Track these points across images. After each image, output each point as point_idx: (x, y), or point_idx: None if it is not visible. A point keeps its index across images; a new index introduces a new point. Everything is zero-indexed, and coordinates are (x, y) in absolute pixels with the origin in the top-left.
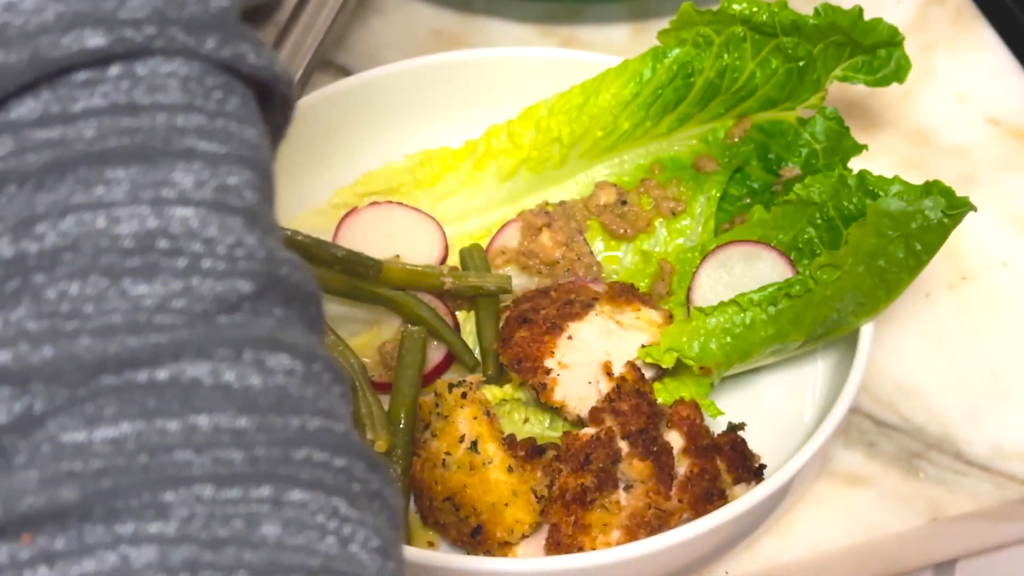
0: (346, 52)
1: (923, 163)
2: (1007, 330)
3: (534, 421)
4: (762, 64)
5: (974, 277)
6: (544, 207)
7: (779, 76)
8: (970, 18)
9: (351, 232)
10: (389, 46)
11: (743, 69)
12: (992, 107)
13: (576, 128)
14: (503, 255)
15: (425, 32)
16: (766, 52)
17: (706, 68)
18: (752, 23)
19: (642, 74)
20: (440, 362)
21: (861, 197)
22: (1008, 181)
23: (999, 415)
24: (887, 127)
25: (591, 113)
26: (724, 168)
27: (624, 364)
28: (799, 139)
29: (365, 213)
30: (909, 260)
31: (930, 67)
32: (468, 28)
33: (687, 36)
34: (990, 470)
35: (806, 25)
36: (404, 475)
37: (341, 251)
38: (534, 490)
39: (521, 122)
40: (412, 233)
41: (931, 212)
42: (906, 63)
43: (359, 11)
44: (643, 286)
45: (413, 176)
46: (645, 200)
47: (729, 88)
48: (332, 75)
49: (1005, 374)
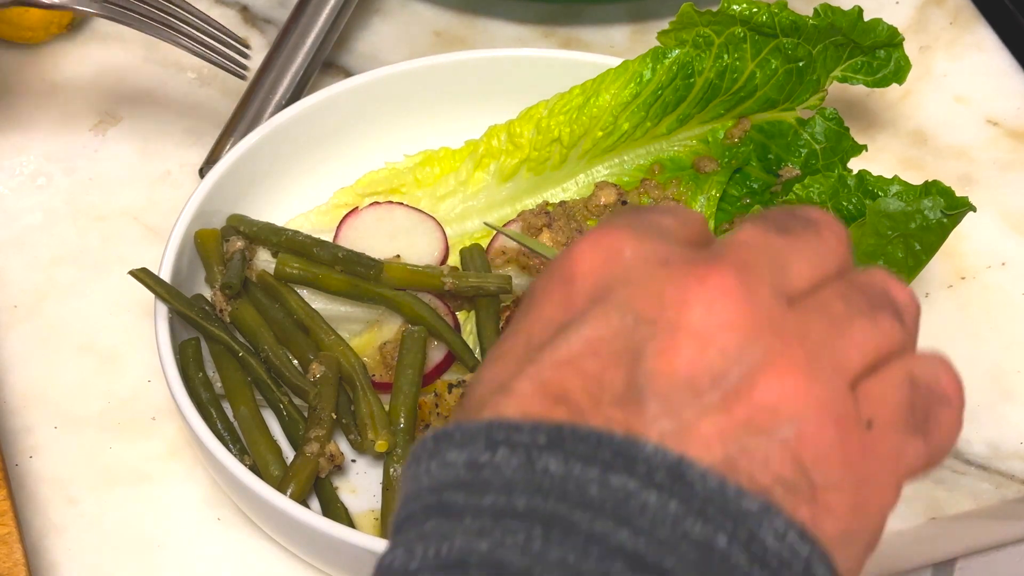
0: (347, 52)
1: (922, 163)
2: (1006, 330)
3: None
4: (762, 65)
5: (973, 277)
6: (544, 207)
7: (779, 77)
8: (969, 19)
9: (352, 232)
10: (389, 47)
11: (743, 70)
12: (991, 108)
13: (576, 128)
14: (503, 255)
15: (426, 32)
16: (766, 53)
17: (706, 69)
18: (752, 24)
19: (642, 75)
20: (440, 362)
21: (860, 198)
22: (1007, 181)
23: (998, 415)
24: (886, 127)
25: (591, 114)
26: (724, 168)
27: None
28: (799, 140)
29: (366, 213)
30: (908, 260)
31: (929, 68)
32: (469, 28)
33: (687, 37)
34: (989, 469)
35: (806, 26)
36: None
37: (342, 251)
38: None
39: (521, 123)
40: (413, 233)
41: (930, 212)
42: (906, 64)
43: (359, 11)
44: None
45: (413, 176)
46: (645, 200)
47: (729, 89)
48: (333, 75)
49: (1004, 374)
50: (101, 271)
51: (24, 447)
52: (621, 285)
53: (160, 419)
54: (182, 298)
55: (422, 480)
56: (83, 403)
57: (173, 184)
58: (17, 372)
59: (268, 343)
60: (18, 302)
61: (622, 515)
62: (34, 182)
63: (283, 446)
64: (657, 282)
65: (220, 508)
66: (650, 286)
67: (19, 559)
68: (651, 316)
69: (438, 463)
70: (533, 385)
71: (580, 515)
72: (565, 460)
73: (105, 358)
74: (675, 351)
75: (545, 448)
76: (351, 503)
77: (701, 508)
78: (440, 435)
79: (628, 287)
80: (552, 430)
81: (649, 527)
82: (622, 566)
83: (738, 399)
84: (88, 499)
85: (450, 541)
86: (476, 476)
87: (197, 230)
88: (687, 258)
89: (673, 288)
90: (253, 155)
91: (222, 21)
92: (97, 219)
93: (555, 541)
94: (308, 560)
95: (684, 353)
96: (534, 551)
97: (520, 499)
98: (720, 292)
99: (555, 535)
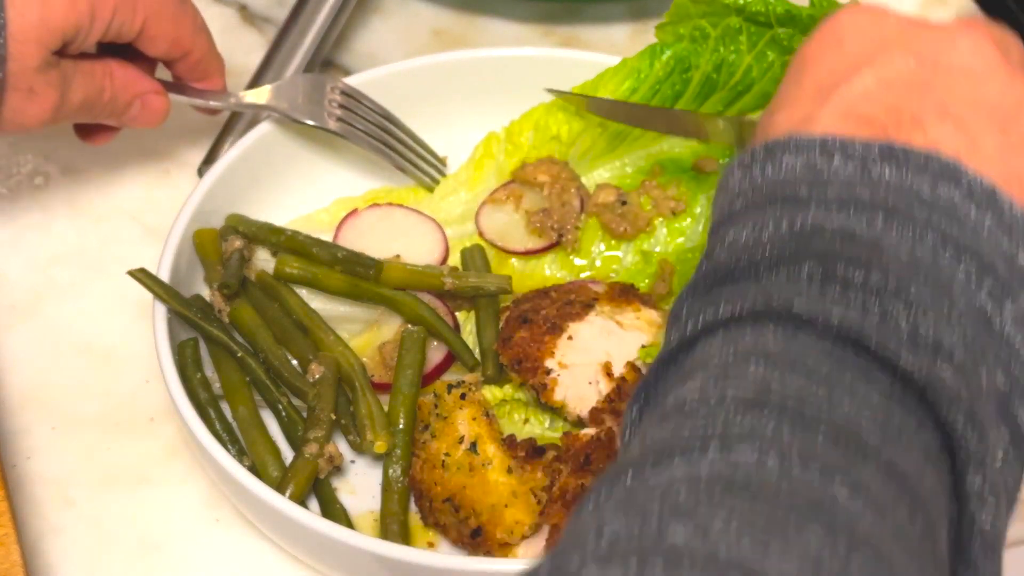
0: (346, 52)
1: None
2: None
3: (534, 422)
4: (758, 57)
5: None
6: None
7: (775, 70)
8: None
9: (352, 232)
10: (389, 46)
11: (739, 63)
12: None
13: (574, 125)
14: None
15: (425, 32)
16: (762, 45)
17: (703, 63)
18: (747, 13)
19: (639, 70)
20: (440, 362)
21: None
22: None
23: None
24: None
25: None
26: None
27: (624, 364)
28: None
29: (366, 214)
30: None
31: None
32: (468, 28)
33: (684, 31)
34: None
35: (801, 16)
36: (404, 476)
37: (341, 251)
38: (534, 491)
39: (521, 123)
40: (413, 234)
41: None
42: None
43: (359, 11)
44: (643, 286)
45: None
46: (645, 201)
47: (727, 83)
48: (332, 74)
49: None
50: (99, 271)
51: (22, 448)
52: (896, 38)
53: (158, 420)
54: (181, 298)
55: (756, 179)
56: (81, 404)
57: (172, 184)
58: (15, 372)
59: (267, 343)
60: (16, 302)
61: (952, 216)
62: (32, 181)
63: (282, 447)
64: (928, 34)
65: (219, 509)
66: (923, 37)
67: (16, 560)
68: (931, 59)
69: (773, 165)
70: (838, 112)
71: (918, 209)
72: (899, 168)
73: (103, 358)
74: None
75: (879, 158)
76: (350, 504)
77: (1009, 227)
78: (772, 144)
79: (903, 40)
80: (884, 145)
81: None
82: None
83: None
84: (86, 500)
85: (801, 216)
86: (816, 176)
87: (196, 230)
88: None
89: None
90: (252, 155)
91: (221, 20)
92: (96, 219)
93: (896, 224)
94: (307, 561)
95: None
96: (879, 229)
97: (863, 192)
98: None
99: (896, 219)
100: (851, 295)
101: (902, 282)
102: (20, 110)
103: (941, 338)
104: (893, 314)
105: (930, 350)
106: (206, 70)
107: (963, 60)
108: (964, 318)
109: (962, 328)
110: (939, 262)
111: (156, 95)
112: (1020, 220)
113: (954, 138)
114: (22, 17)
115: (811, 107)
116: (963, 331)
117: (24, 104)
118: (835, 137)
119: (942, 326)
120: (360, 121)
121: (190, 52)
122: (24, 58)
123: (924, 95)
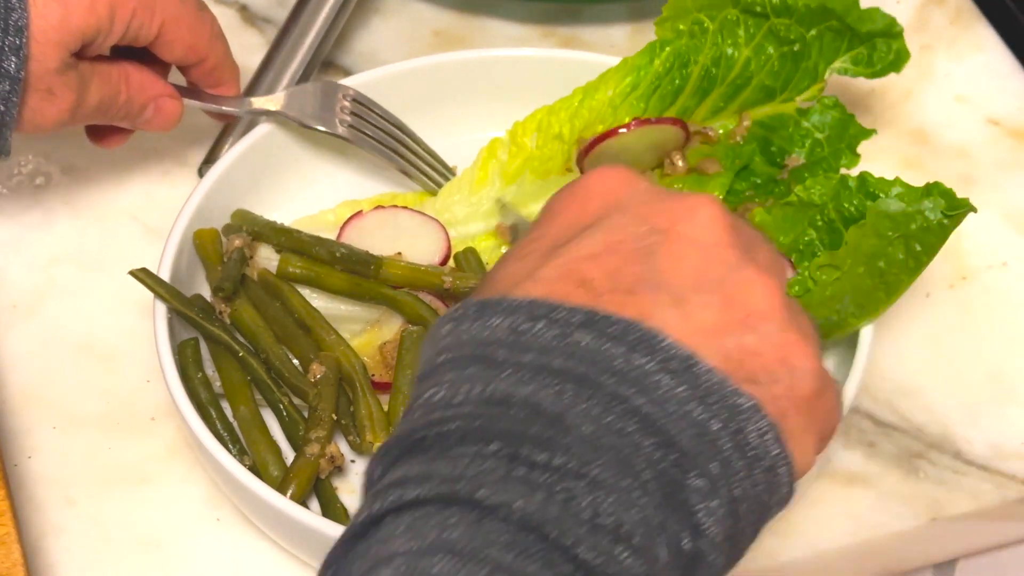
0: (346, 52)
1: (923, 163)
2: (1007, 330)
3: None
4: (757, 50)
5: (974, 277)
6: None
7: (774, 62)
8: (970, 18)
9: (355, 233)
10: (389, 46)
11: (738, 56)
12: (992, 107)
13: (576, 123)
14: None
15: (425, 32)
16: (760, 38)
17: (702, 57)
18: (743, 4)
19: (639, 67)
20: None
21: (862, 199)
22: (1008, 181)
23: (999, 415)
24: (887, 127)
25: (591, 107)
26: (728, 170)
27: None
28: (801, 130)
29: (370, 216)
30: (909, 261)
31: (930, 67)
32: (468, 28)
33: (683, 27)
34: (990, 470)
35: (797, 6)
36: None
37: (341, 249)
38: None
39: (524, 124)
40: (416, 235)
41: (931, 213)
42: (905, 54)
43: (359, 11)
44: None
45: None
46: None
47: (726, 77)
48: (332, 75)
49: (1005, 374)
50: (100, 271)
51: (23, 447)
52: (636, 202)
53: (159, 419)
54: (181, 297)
55: (463, 336)
56: (82, 403)
57: (172, 183)
58: (16, 372)
59: (268, 343)
60: (17, 302)
61: (641, 386)
62: (33, 181)
63: (283, 446)
64: (670, 203)
65: (219, 509)
66: (663, 204)
67: (18, 559)
68: (663, 227)
69: (481, 325)
70: (559, 272)
71: (607, 379)
72: (597, 337)
73: (104, 358)
74: (684, 256)
75: (580, 325)
76: (351, 504)
77: (703, 396)
78: (485, 303)
79: (643, 204)
80: (587, 312)
81: (661, 400)
82: (636, 425)
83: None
84: (87, 499)
85: (494, 384)
86: (518, 339)
87: (196, 229)
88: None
89: (684, 209)
90: (252, 154)
91: (221, 20)
92: (96, 219)
93: (584, 396)
94: (307, 560)
95: (691, 259)
96: (566, 401)
97: (557, 360)
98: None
99: (584, 391)
100: (535, 478)
101: (584, 461)
102: (39, 110)
103: (621, 520)
104: (576, 497)
105: (610, 534)
106: (221, 76)
107: (695, 233)
108: (648, 495)
109: (643, 506)
110: (623, 435)
111: (170, 99)
112: (717, 387)
113: (666, 309)
114: (43, 19)
115: (537, 263)
116: (643, 510)
117: (43, 105)
118: (545, 301)
119: (622, 507)
120: (369, 127)
121: (206, 58)
122: (44, 59)
123: (647, 262)
